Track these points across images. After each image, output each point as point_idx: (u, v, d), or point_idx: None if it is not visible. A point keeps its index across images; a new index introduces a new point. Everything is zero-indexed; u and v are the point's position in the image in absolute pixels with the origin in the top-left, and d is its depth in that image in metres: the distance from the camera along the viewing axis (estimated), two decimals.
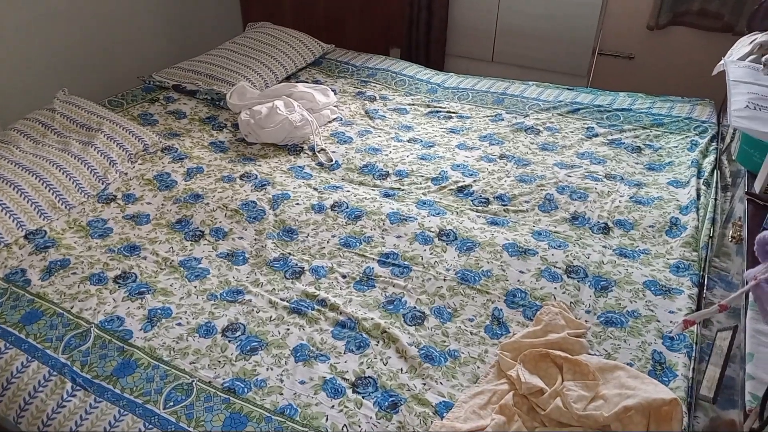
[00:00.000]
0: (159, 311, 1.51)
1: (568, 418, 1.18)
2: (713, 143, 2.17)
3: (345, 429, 1.23)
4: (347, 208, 1.87)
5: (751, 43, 1.91)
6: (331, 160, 2.16)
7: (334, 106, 2.49)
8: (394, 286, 1.59)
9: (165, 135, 2.27)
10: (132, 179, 2.01)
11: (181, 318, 1.50)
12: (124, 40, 2.90)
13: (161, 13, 3.07)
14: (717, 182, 1.94)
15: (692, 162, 2.05)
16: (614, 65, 3.15)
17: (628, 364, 1.34)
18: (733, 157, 1.65)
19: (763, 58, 1.72)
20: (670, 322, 1.45)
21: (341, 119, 2.44)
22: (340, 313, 1.50)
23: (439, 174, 2.05)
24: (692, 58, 2.94)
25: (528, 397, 1.25)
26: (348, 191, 1.97)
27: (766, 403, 0.80)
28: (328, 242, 1.75)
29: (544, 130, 2.33)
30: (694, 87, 2.86)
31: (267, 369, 1.36)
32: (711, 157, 2.08)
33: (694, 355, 1.37)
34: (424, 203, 1.91)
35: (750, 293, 1.04)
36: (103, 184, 1.97)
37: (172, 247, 1.74)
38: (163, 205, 1.91)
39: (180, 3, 3.16)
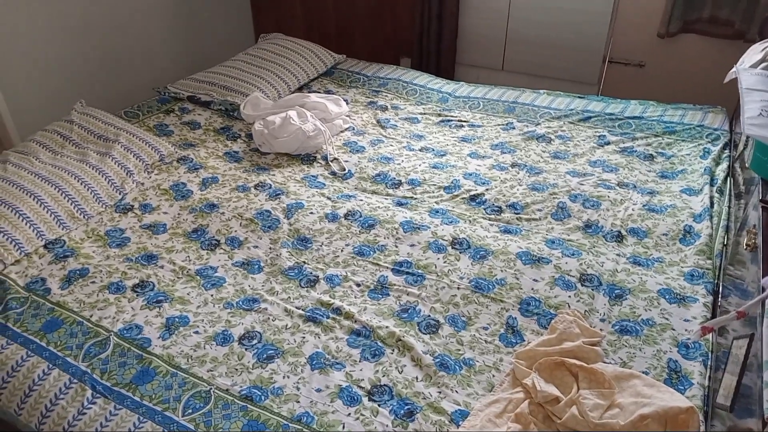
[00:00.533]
0: (177, 319, 1.53)
1: (584, 427, 1.19)
2: (726, 151, 2.17)
3: None
4: (360, 216, 1.89)
5: (763, 50, 1.91)
6: (344, 170, 2.18)
7: (347, 116, 2.51)
8: (408, 295, 1.61)
9: (180, 145, 2.30)
10: (148, 189, 2.04)
11: (198, 326, 1.52)
12: (139, 52, 2.96)
13: (175, 26, 3.13)
14: (730, 190, 1.94)
15: (705, 170, 2.05)
16: (625, 73, 3.16)
17: (643, 372, 1.34)
18: (747, 165, 1.66)
19: None
20: (686, 330, 1.45)
21: (353, 129, 2.46)
22: (355, 321, 1.51)
23: (452, 183, 2.07)
24: (703, 65, 2.94)
25: (544, 406, 1.26)
26: (361, 200, 1.99)
27: None
28: (342, 251, 1.77)
29: (555, 138, 2.34)
30: (706, 94, 2.86)
31: (283, 377, 1.37)
32: (724, 165, 2.08)
33: (710, 363, 1.37)
34: (437, 212, 1.92)
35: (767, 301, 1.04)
36: (120, 194, 2.00)
37: (188, 256, 1.76)
38: (179, 214, 1.94)
39: (193, 15, 3.21)
